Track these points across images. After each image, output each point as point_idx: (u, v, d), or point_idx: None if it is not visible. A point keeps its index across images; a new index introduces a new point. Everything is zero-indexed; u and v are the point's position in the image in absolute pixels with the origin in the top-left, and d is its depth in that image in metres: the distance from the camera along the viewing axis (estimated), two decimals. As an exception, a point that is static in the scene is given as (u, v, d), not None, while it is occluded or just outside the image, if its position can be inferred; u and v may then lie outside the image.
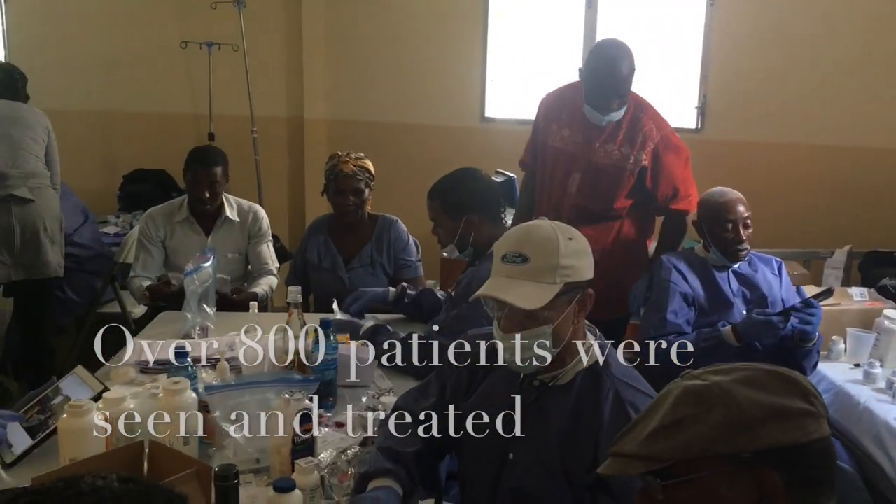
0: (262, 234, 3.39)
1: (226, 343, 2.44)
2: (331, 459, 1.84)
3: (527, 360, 1.63)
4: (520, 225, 1.71)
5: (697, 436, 1.01)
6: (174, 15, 5.17)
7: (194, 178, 3.23)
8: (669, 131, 3.08)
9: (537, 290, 1.58)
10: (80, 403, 1.70)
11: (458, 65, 5.07)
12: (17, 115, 3.53)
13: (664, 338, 2.68)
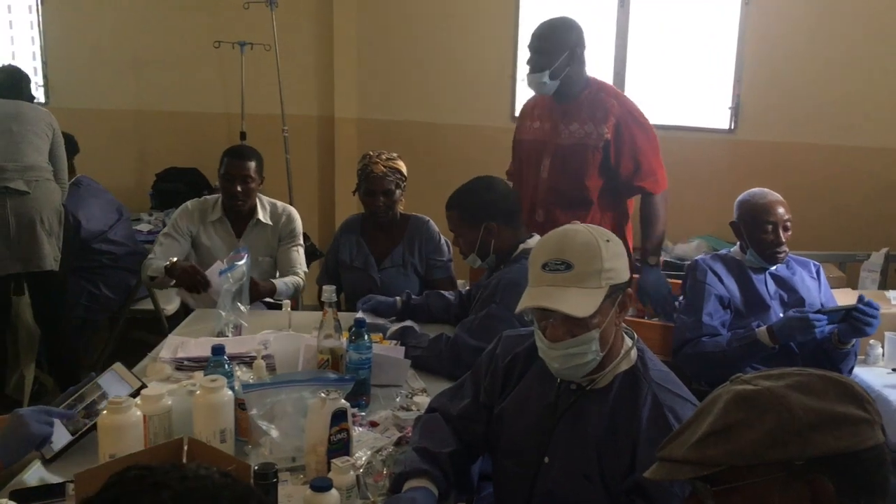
0: (293, 236, 3.38)
1: (260, 341, 2.45)
2: (366, 459, 1.84)
3: (576, 367, 1.62)
4: (553, 232, 1.69)
5: (749, 442, 1.00)
6: (207, 15, 5.22)
7: (227, 172, 3.23)
8: (634, 108, 3.15)
9: (585, 297, 1.57)
10: (119, 400, 1.72)
11: (489, 64, 5.06)
12: (19, 112, 3.58)
13: (699, 340, 2.66)
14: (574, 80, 3.11)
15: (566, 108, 3.14)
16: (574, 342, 1.59)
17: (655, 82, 4.93)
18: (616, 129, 3.06)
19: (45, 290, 3.65)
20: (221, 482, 0.90)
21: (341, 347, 2.19)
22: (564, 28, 3.11)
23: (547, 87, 3.09)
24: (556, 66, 3.04)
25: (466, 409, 1.84)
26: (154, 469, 0.89)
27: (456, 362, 2.34)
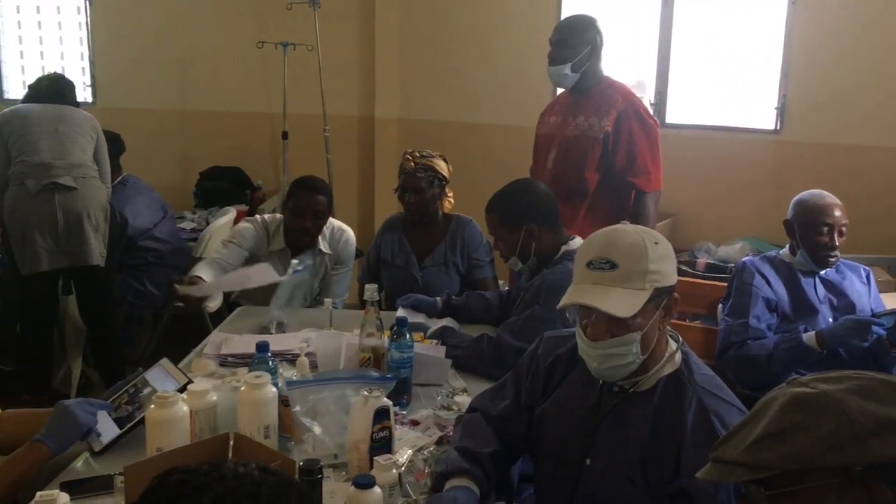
0: (343, 262, 3.31)
1: (302, 339, 2.47)
2: (407, 457, 1.85)
3: (615, 368, 1.61)
4: (601, 230, 1.68)
5: (805, 446, 0.98)
6: (251, 16, 5.28)
7: (297, 206, 3.08)
8: (639, 106, 3.22)
9: (628, 297, 1.56)
10: (166, 395, 1.75)
11: (530, 64, 5.02)
12: (63, 113, 3.65)
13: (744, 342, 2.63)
14: (590, 75, 3.22)
15: (577, 101, 3.25)
16: (614, 343, 1.58)
17: (699, 82, 4.87)
18: (616, 122, 3.13)
19: (91, 286, 3.72)
20: (261, 478, 0.92)
21: (383, 346, 2.20)
22: (587, 24, 3.22)
23: (568, 79, 3.21)
24: (578, 60, 3.16)
25: (507, 409, 1.84)
26: (195, 471, 0.91)
27: (498, 363, 2.33)
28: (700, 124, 4.83)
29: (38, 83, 3.80)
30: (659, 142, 3.23)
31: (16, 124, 3.57)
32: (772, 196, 4.29)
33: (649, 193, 3.17)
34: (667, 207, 4.72)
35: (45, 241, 3.49)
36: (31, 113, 3.62)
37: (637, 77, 5.15)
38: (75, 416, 1.76)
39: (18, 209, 3.46)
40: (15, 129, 3.56)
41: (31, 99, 3.73)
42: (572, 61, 3.15)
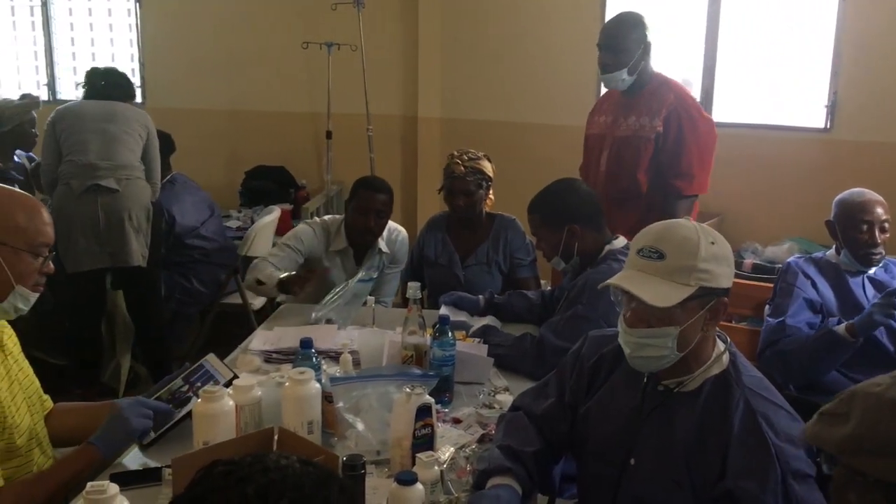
0: (398, 262, 3.33)
1: (346, 337, 2.49)
2: (449, 455, 1.85)
3: (647, 359, 1.60)
4: (663, 221, 1.67)
5: None
6: (296, 16, 5.34)
7: (360, 205, 3.07)
8: (692, 105, 3.14)
9: (669, 289, 1.54)
10: (213, 389, 1.77)
11: (573, 63, 5.01)
12: (114, 111, 3.68)
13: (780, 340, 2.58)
14: (642, 74, 3.13)
15: (629, 100, 3.17)
16: (649, 333, 1.57)
17: (747, 79, 4.80)
18: (666, 121, 3.06)
19: (135, 284, 3.78)
20: (303, 470, 0.93)
21: (425, 344, 2.21)
22: (636, 23, 3.11)
23: (626, 83, 3.12)
24: (634, 62, 3.08)
25: (550, 408, 1.83)
26: (238, 463, 0.93)
27: (540, 362, 2.33)
28: (748, 123, 4.76)
29: (92, 78, 3.84)
30: (711, 143, 3.13)
31: (69, 121, 3.65)
32: (821, 196, 4.19)
33: (685, 198, 3.08)
34: (713, 207, 4.66)
35: (87, 242, 3.55)
36: (84, 111, 3.69)
37: (683, 75, 5.08)
38: (129, 423, 1.79)
39: (63, 209, 3.52)
40: (67, 127, 3.63)
41: (87, 94, 3.79)
42: (628, 65, 3.05)
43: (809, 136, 4.66)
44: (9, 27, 6.00)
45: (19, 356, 1.89)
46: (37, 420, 1.87)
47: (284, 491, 0.91)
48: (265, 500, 0.90)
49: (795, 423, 1.57)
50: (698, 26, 4.80)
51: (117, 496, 1.36)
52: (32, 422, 1.84)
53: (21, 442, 1.75)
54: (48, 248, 1.79)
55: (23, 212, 1.74)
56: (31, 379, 1.92)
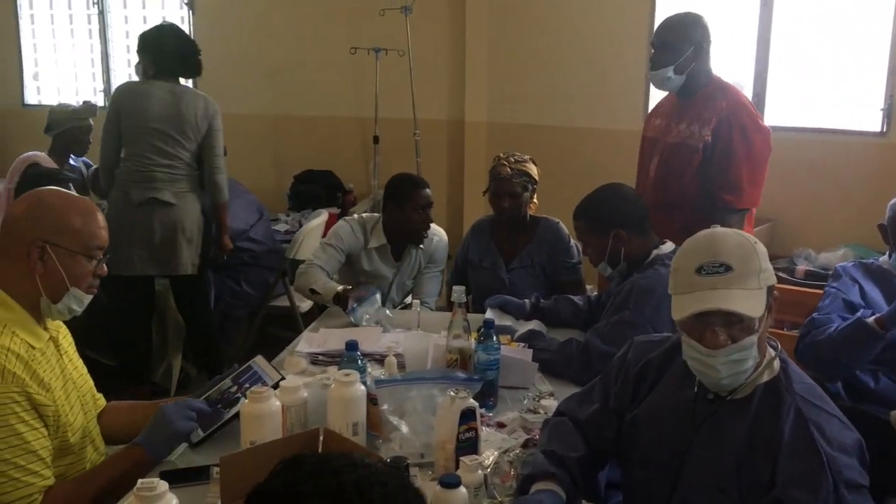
0: (436, 262, 3.37)
1: (391, 339, 2.51)
2: (493, 459, 1.85)
3: (736, 375, 1.55)
4: (698, 235, 1.64)
5: None
6: (344, 22, 5.40)
7: (418, 204, 3.16)
8: (744, 112, 2.97)
9: (750, 297, 1.52)
10: (260, 390, 1.80)
11: (621, 66, 4.97)
12: (178, 107, 3.60)
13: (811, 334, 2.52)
14: (697, 76, 3.02)
15: (683, 104, 3.07)
16: (736, 348, 1.52)
17: (800, 82, 4.70)
18: (716, 130, 2.93)
19: (185, 288, 3.83)
20: (386, 472, 0.98)
21: (470, 348, 2.21)
22: (689, 22, 3.02)
23: (672, 82, 3.02)
24: (682, 61, 2.98)
25: (596, 414, 1.82)
26: (326, 457, 0.98)
27: (586, 367, 2.31)
28: (801, 126, 4.67)
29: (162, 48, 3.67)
30: (765, 156, 2.99)
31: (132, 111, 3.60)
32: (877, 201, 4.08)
33: (736, 212, 2.95)
34: (765, 212, 4.57)
35: (140, 251, 3.62)
36: (149, 105, 3.59)
37: (734, 78, 5.01)
38: (174, 426, 1.82)
39: (120, 218, 3.54)
40: (129, 118, 3.60)
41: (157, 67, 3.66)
42: (674, 63, 2.96)
43: (865, 140, 4.55)
44: (67, 35, 6.17)
45: (74, 356, 1.94)
46: (90, 418, 1.92)
47: (373, 486, 0.95)
48: (360, 492, 0.94)
49: (848, 432, 1.54)
50: (750, 28, 4.72)
51: (167, 493, 1.38)
52: (86, 420, 1.88)
53: (74, 440, 1.79)
54: (102, 250, 1.83)
55: (78, 215, 1.79)
56: (85, 378, 1.97)
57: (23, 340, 1.71)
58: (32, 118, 5.40)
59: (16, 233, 1.76)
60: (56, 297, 1.78)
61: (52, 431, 1.72)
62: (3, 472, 1.60)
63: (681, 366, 1.67)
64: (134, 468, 1.77)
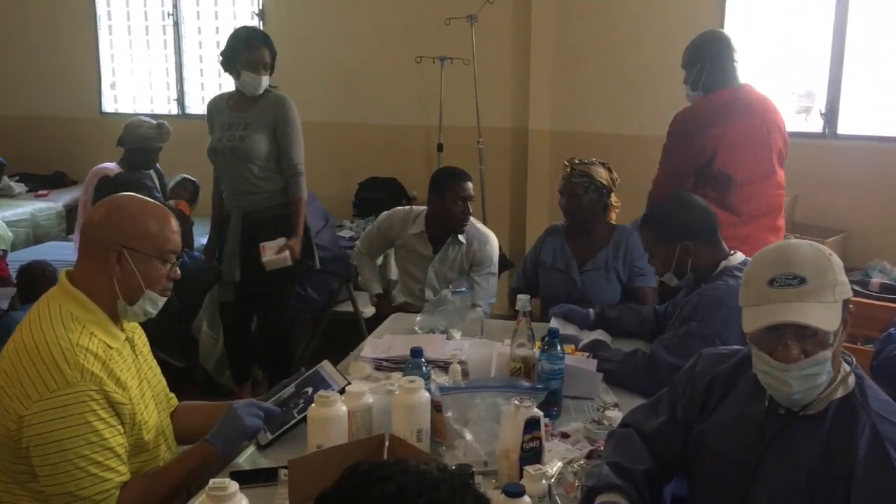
0: (483, 263, 3.44)
1: (454, 347, 2.51)
2: (557, 469, 1.84)
3: (809, 390, 1.52)
4: (770, 247, 1.61)
5: None
6: (410, 32, 5.44)
7: (458, 195, 3.37)
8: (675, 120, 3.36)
9: (825, 311, 1.48)
10: (327, 395, 1.83)
11: (690, 74, 4.90)
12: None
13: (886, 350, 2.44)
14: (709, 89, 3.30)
15: None
16: (810, 362, 1.49)
17: (875, 91, 4.57)
18: None
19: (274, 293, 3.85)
20: (440, 476, 0.98)
21: (534, 357, 2.20)
22: (696, 43, 3.40)
23: (691, 98, 3.36)
24: (693, 79, 3.33)
25: (662, 426, 1.79)
26: (382, 464, 1.00)
27: (651, 379, 2.28)
28: (876, 135, 4.54)
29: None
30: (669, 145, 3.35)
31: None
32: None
33: None
34: (837, 223, 4.46)
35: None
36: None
37: (806, 87, 4.90)
38: (242, 421, 1.87)
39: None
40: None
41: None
42: (689, 82, 3.35)
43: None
44: (143, 46, 6.37)
45: (149, 356, 2.00)
46: (163, 417, 1.98)
47: (421, 492, 0.97)
48: (403, 498, 0.96)
49: None
50: (824, 36, 4.61)
51: (237, 494, 1.42)
52: (159, 419, 1.94)
53: (149, 437, 1.85)
54: (175, 254, 1.89)
55: (154, 221, 1.85)
56: (159, 378, 2.03)
57: (101, 340, 1.77)
58: (109, 126, 5.60)
59: (95, 237, 1.82)
60: (132, 300, 1.83)
61: (128, 429, 1.77)
62: (82, 467, 1.66)
63: (751, 379, 1.64)
64: (204, 464, 1.84)
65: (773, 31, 4.87)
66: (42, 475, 1.67)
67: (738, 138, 3.21)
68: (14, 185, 6.07)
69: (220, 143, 3.60)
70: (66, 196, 6.00)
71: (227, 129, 3.60)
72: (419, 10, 5.40)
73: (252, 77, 3.56)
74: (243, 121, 3.61)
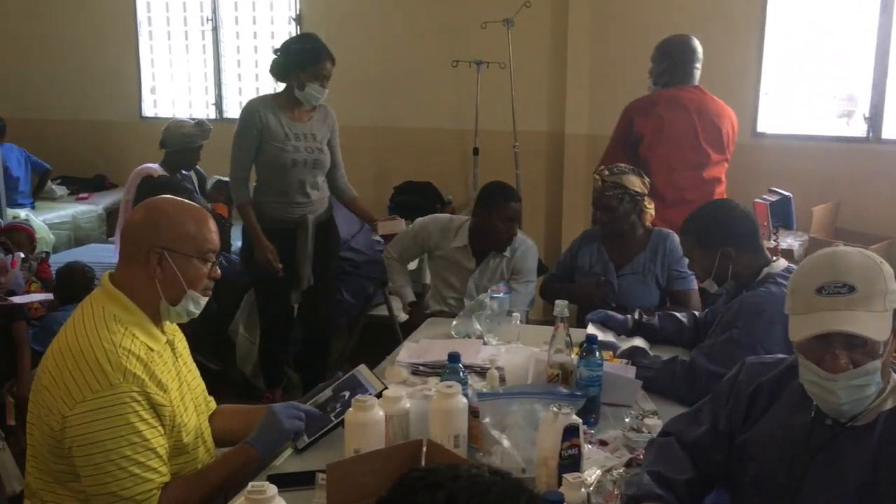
0: (524, 272, 3.42)
1: (491, 352, 2.50)
2: (596, 477, 1.82)
3: (858, 401, 1.49)
4: (818, 254, 1.58)
5: None
6: (447, 36, 5.44)
7: (506, 215, 3.32)
8: None
9: (875, 320, 1.45)
10: (364, 399, 1.82)
11: (729, 78, 4.83)
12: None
13: None
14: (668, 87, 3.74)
15: None
16: (858, 373, 1.45)
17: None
18: None
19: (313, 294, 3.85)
20: (491, 480, 0.98)
21: (572, 363, 2.18)
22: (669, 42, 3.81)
23: (650, 90, 3.81)
24: (657, 75, 3.80)
25: (704, 436, 1.76)
26: (433, 470, 1.00)
27: (691, 387, 2.25)
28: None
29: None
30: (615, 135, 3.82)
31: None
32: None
33: None
34: (882, 230, 4.38)
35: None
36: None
37: (849, 90, 4.82)
38: (283, 425, 1.89)
39: None
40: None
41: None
42: (653, 77, 3.83)
43: None
44: (183, 50, 6.45)
45: (188, 359, 2.02)
46: (202, 420, 1.99)
47: (472, 497, 0.96)
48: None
49: None
50: (868, 39, 4.53)
51: (276, 497, 1.42)
52: (199, 421, 1.95)
53: (188, 440, 1.86)
54: (215, 253, 1.90)
55: (192, 221, 1.86)
56: (198, 381, 2.04)
57: (142, 342, 1.79)
58: (149, 129, 5.68)
59: (135, 240, 1.84)
60: (175, 300, 1.85)
61: (168, 431, 1.79)
62: (125, 468, 1.68)
63: (797, 389, 1.60)
64: (244, 466, 1.85)
65: (815, 35, 4.80)
66: (84, 475, 1.69)
67: (665, 129, 3.68)
68: (56, 188, 6.19)
69: (298, 154, 3.58)
70: (107, 199, 6.10)
71: (298, 139, 3.58)
72: (456, 14, 5.40)
73: (318, 90, 3.57)
74: (309, 131, 3.63)
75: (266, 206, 3.63)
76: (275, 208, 3.63)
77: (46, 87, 6.64)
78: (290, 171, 3.58)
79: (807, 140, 4.81)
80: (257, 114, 3.56)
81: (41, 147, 6.19)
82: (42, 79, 6.63)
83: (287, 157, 3.56)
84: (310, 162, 3.62)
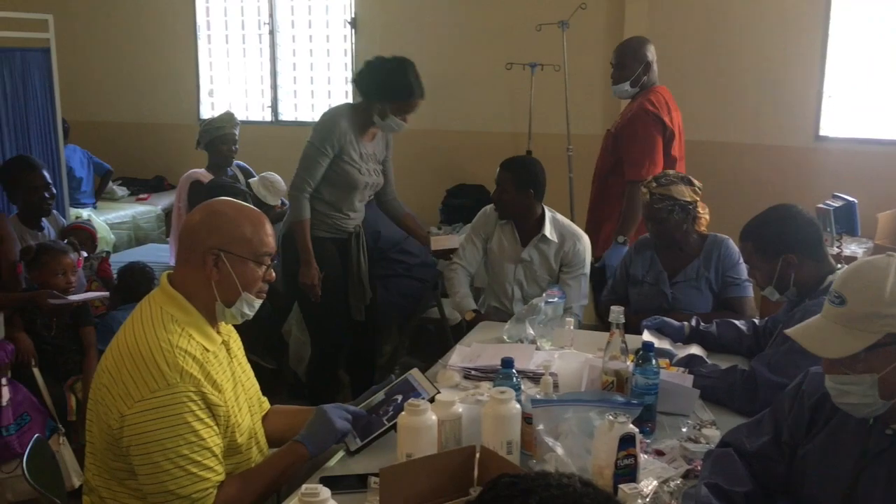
0: (575, 264, 3.40)
1: (544, 358, 2.47)
2: (652, 488, 1.78)
3: (849, 405, 1.53)
4: (860, 259, 1.55)
5: None
6: (501, 38, 5.43)
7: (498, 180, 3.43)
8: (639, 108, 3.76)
9: (847, 337, 1.47)
10: (417, 403, 1.81)
11: (792, 79, 4.73)
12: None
13: None
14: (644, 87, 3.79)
15: None
16: (845, 379, 1.50)
17: None
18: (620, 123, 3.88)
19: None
20: (583, 490, 0.97)
21: (627, 370, 2.14)
22: (638, 45, 3.85)
23: (629, 93, 3.83)
24: (635, 77, 3.78)
25: (765, 447, 1.72)
26: (523, 477, 0.99)
27: (751, 397, 2.19)
28: None
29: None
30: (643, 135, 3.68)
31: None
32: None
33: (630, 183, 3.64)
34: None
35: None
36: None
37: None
38: (332, 423, 1.90)
39: None
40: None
41: None
42: (630, 79, 3.80)
43: None
44: (240, 54, 6.55)
45: (243, 360, 2.03)
46: (256, 420, 2.01)
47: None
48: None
49: None
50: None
51: (328, 500, 1.42)
52: (252, 421, 1.97)
53: (242, 440, 1.88)
54: (270, 257, 1.91)
55: (249, 224, 1.87)
56: (252, 381, 2.06)
57: (198, 343, 1.81)
58: (207, 132, 5.77)
59: (193, 242, 1.86)
60: (230, 302, 1.87)
61: (223, 430, 1.80)
62: (182, 466, 1.70)
63: (859, 399, 1.56)
64: (294, 464, 1.87)
65: (881, 35, 4.66)
66: (141, 473, 1.71)
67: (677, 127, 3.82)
68: (117, 189, 6.34)
69: (369, 177, 3.57)
70: (166, 200, 6.23)
71: (366, 161, 3.54)
72: (510, 17, 5.37)
73: (398, 124, 3.47)
74: (373, 152, 3.60)
75: (320, 214, 3.52)
76: (328, 218, 3.55)
77: (108, 90, 6.80)
78: (357, 191, 3.55)
79: (872, 144, 4.68)
80: (339, 127, 3.40)
81: (103, 148, 6.35)
82: (104, 82, 6.80)
83: (361, 180, 3.50)
84: (371, 185, 3.62)
